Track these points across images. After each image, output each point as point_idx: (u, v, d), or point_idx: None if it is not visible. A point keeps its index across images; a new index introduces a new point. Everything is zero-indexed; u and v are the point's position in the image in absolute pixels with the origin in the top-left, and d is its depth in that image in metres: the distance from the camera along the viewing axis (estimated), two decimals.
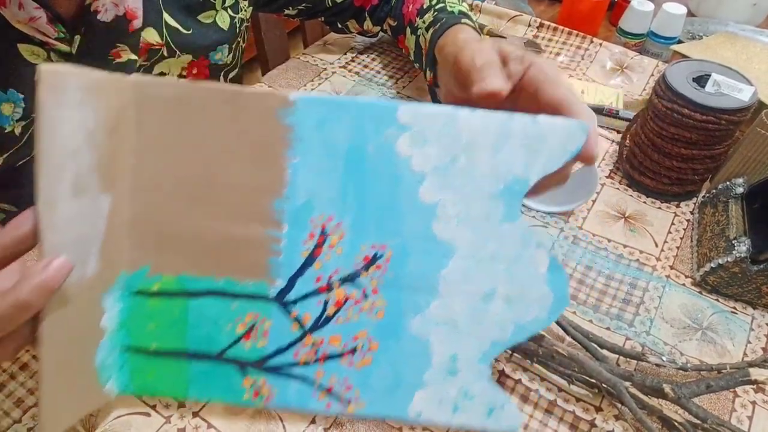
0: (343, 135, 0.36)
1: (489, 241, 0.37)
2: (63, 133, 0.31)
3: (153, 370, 0.38)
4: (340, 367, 0.38)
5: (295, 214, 0.37)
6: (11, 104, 0.50)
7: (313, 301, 0.37)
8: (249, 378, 0.38)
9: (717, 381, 0.43)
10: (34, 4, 0.47)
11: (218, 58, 0.67)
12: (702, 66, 0.62)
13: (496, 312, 0.37)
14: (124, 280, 0.36)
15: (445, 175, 0.36)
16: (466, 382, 0.37)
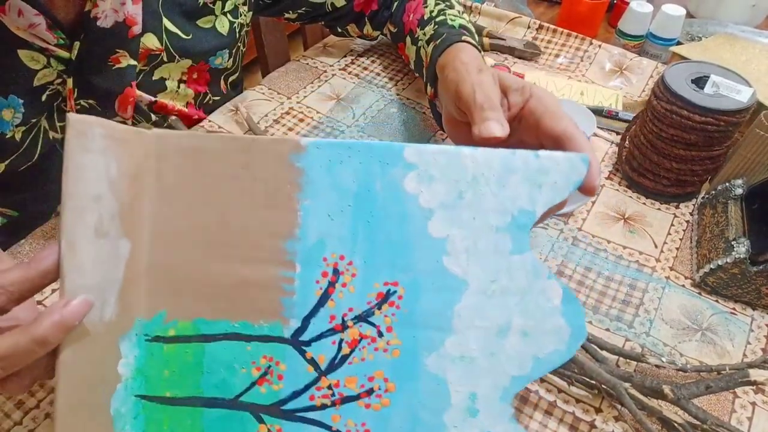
0: (351, 176, 0.37)
1: (500, 274, 0.37)
2: (87, 178, 0.32)
3: (168, 420, 0.38)
4: (358, 410, 0.37)
5: (307, 254, 0.37)
6: (11, 110, 0.50)
7: (328, 341, 0.37)
8: (264, 426, 0.37)
9: (716, 382, 0.43)
10: (34, 10, 0.47)
11: (218, 63, 0.67)
12: (701, 67, 0.62)
13: (512, 347, 0.37)
14: (141, 326, 0.37)
15: (452, 211, 0.37)
16: (487, 423, 0.37)
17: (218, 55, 0.66)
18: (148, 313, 0.37)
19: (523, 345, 0.37)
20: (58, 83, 0.53)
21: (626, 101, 0.79)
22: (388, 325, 0.37)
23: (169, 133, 0.37)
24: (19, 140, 0.52)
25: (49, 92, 0.53)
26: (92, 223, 0.33)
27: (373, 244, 0.37)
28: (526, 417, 0.45)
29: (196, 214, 0.37)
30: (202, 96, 0.69)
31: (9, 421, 0.43)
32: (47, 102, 0.53)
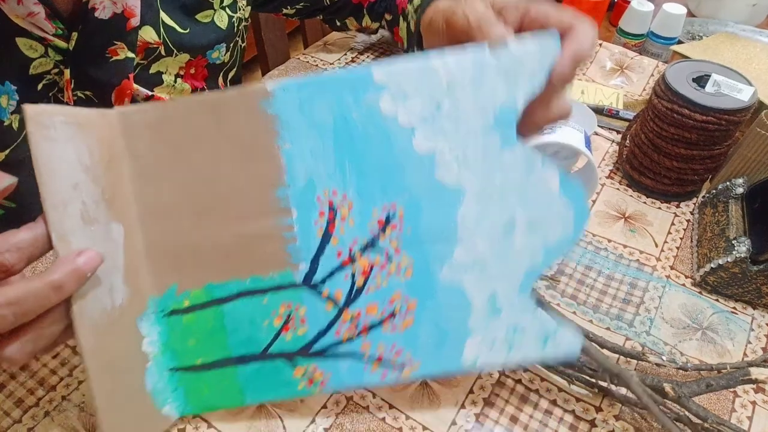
0: (326, 111, 0.36)
1: (494, 173, 0.36)
2: (60, 169, 0.32)
3: (205, 386, 0.38)
4: (385, 335, 0.37)
5: (300, 197, 0.37)
6: (7, 96, 0.50)
7: (340, 276, 0.37)
8: (299, 368, 0.38)
9: (717, 380, 0.43)
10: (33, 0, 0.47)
11: (216, 57, 0.67)
12: (702, 66, 0.62)
13: (521, 241, 0.37)
14: (155, 304, 0.37)
15: (434, 123, 0.36)
16: (512, 318, 0.37)
17: (216, 49, 0.66)
18: (158, 290, 0.37)
19: (530, 237, 0.37)
20: (55, 73, 0.53)
21: (627, 100, 0.79)
22: (395, 248, 0.37)
23: (131, 109, 0.36)
24: (16, 129, 0.52)
25: (46, 82, 0.52)
26: (77, 212, 0.32)
27: (362, 172, 0.37)
28: (526, 416, 0.45)
29: (179, 184, 0.36)
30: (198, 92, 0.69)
31: (8, 419, 0.43)
32: (43, 91, 0.53)
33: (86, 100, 0.56)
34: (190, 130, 0.36)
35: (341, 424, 0.43)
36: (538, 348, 0.37)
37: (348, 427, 0.43)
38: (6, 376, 0.45)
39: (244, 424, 0.43)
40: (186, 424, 0.43)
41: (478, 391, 0.47)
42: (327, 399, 0.45)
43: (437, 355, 0.37)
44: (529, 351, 0.37)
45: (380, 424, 0.44)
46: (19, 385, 0.45)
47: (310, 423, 0.43)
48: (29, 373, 0.45)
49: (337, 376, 0.38)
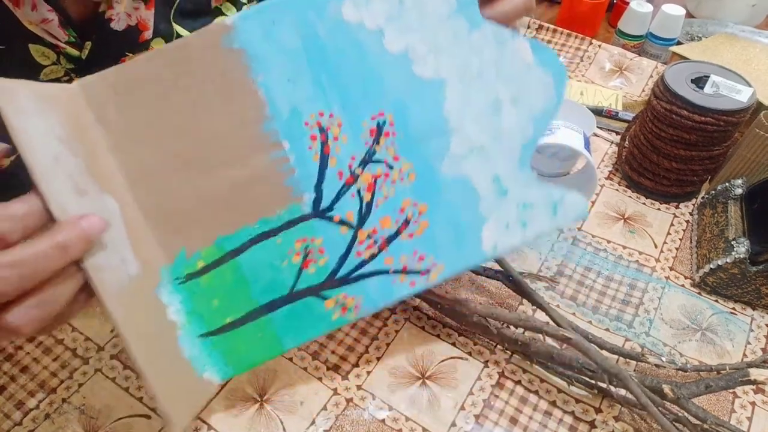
0: (291, 32, 0.35)
1: (469, 57, 0.36)
2: (38, 142, 0.31)
3: (241, 343, 0.37)
4: (404, 244, 0.38)
5: (287, 127, 0.36)
6: None
7: (347, 196, 0.37)
8: (330, 299, 0.38)
9: (717, 381, 0.43)
10: (47, 6, 0.47)
11: None
12: (701, 67, 0.62)
13: (510, 117, 0.37)
14: (168, 272, 0.36)
15: (400, 20, 0.36)
16: (519, 194, 0.37)
17: None
18: (168, 258, 0.36)
19: (517, 111, 0.37)
20: (65, 80, 0.53)
21: (626, 101, 0.79)
22: (393, 155, 0.37)
23: (91, 78, 0.35)
24: None
25: None
26: (67, 183, 0.31)
27: (343, 87, 0.36)
28: (526, 417, 0.45)
29: (159, 143, 0.35)
30: None
31: (9, 421, 0.43)
32: None
33: None
34: (157, 86, 0.35)
35: (341, 426, 0.43)
36: (549, 218, 0.37)
37: (348, 429, 0.43)
38: (7, 378, 0.45)
39: (244, 425, 0.43)
40: None
41: (478, 392, 0.47)
42: (327, 400, 0.45)
43: (458, 251, 0.38)
44: (542, 223, 0.38)
45: (380, 425, 0.44)
46: (19, 388, 0.45)
47: (310, 424, 0.44)
48: (29, 376, 0.45)
49: (368, 297, 0.38)
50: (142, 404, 0.44)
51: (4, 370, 0.45)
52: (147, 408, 0.44)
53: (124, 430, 0.43)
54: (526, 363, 0.49)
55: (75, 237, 0.30)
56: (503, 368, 0.48)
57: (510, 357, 0.49)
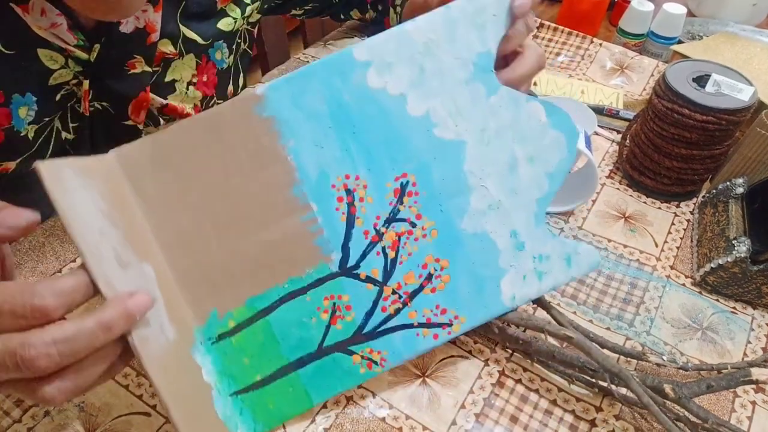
0: (318, 99, 0.37)
1: (487, 119, 0.39)
2: (84, 216, 0.31)
3: (270, 400, 0.38)
4: (427, 298, 0.39)
5: (316, 189, 0.38)
6: (26, 107, 0.50)
7: (372, 254, 0.39)
8: (356, 354, 0.39)
9: (718, 381, 0.43)
10: (56, 11, 0.47)
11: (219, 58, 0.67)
12: (702, 66, 0.62)
13: (526, 175, 0.39)
14: (201, 333, 0.37)
15: (421, 86, 0.38)
16: (536, 247, 0.39)
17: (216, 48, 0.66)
18: (200, 319, 0.37)
19: (533, 169, 0.39)
20: (73, 84, 0.53)
21: (627, 100, 0.79)
22: (416, 214, 0.39)
23: (126, 148, 0.36)
24: (31, 139, 0.52)
25: (64, 92, 0.53)
26: (111, 257, 0.32)
27: (368, 150, 0.38)
28: (526, 416, 0.45)
29: (194, 209, 0.37)
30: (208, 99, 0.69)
31: (8, 418, 0.43)
32: (61, 102, 0.53)
33: (103, 110, 0.56)
34: (191, 153, 0.36)
35: (341, 424, 0.43)
36: (564, 269, 0.39)
37: (348, 427, 0.43)
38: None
39: None
40: None
41: (478, 391, 0.47)
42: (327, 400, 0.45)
43: (479, 303, 0.39)
44: (558, 275, 0.39)
45: (380, 424, 0.44)
46: None
47: (310, 423, 0.43)
48: None
49: (393, 351, 0.39)
50: (142, 402, 0.44)
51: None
52: (147, 405, 0.44)
53: (123, 427, 0.43)
54: (526, 362, 0.49)
55: (119, 316, 0.30)
56: (504, 367, 0.48)
57: (510, 356, 0.49)
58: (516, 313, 0.46)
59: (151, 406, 0.44)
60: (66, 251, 0.54)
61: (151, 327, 0.32)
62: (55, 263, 0.53)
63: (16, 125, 0.50)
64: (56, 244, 0.55)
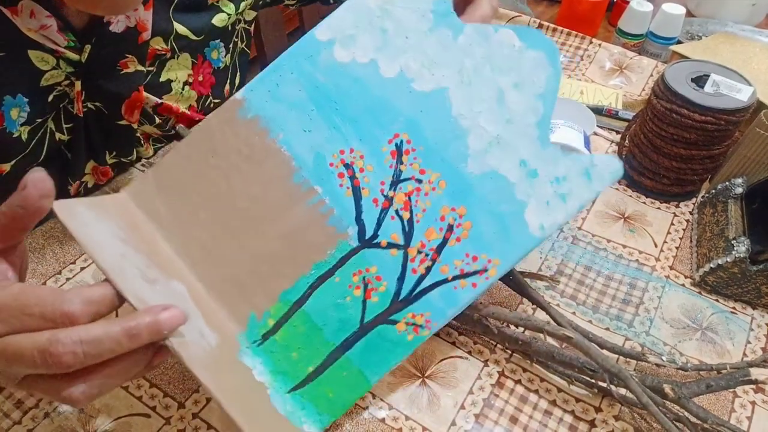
0: (295, 87, 0.38)
1: (461, 60, 0.39)
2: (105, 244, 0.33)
3: (328, 389, 0.38)
4: (454, 249, 0.39)
5: (315, 172, 0.39)
6: (18, 108, 0.50)
7: (387, 220, 0.39)
8: (399, 323, 0.38)
9: (717, 381, 0.43)
10: (46, 12, 0.47)
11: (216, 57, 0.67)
12: (701, 66, 0.62)
13: (516, 102, 0.39)
14: (244, 338, 0.38)
15: (388, 47, 0.39)
16: (550, 171, 0.38)
17: (213, 47, 0.66)
18: (240, 324, 0.38)
19: (521, 95, 0.39)
20: (65, 85, 0.53)
21: (626, 100, 0.79)
22: (419, 170, 0.39)
23: (134, 183, 0.38)
24: (25, 140, 0.52)
25: (56, 93, 0.53)
26: (136, 275, 0.33)
27: (354, 122, 0.39)
28: (526, 416, 0.45)
29: (207, 221, 0.38)
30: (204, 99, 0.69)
31: (8, 420, 0.43)
32: (53, 103, 0.53)
33: (96, 111, 0.56)
34: (191, 171, 0.38)
35: (340, 424, 0.43)
36: (586, 185, 0.38)
37: (347, 428, 0.43)
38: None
39: None
40: (186, 425, 0.43)
41: (478, 391, 0.47)
42: None
43: (508, 242, 0.39)
44: (582, 192, 0.38)
45: (380, 424, 0.44)
46: None
47: None
48: None
49: (435, 311, 0.38)
50: (142, 403, 0.44)
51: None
52: (146, 407, 0.44)
53: (123, 429, 0.43)
54: (526, 362, 0.49)
55: (146, 326, 0.31)
56: (503, 367, 0.48)
57: (510, 356, 0.49)
58: (515, 314, 0.46)
59: (150, 407, 0.44)
60: (66, 253, 0.54)
61: (190, 334, 0.33)
62: (54, 265, 0.53)
63: (8, 127, 0.50)
64: (56, 246, 0.55)
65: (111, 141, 0.60)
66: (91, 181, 0.61)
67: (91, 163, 0.60)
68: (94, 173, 0.61)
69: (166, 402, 0.45)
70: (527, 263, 0.57)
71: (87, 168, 0.60)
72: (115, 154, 0.61)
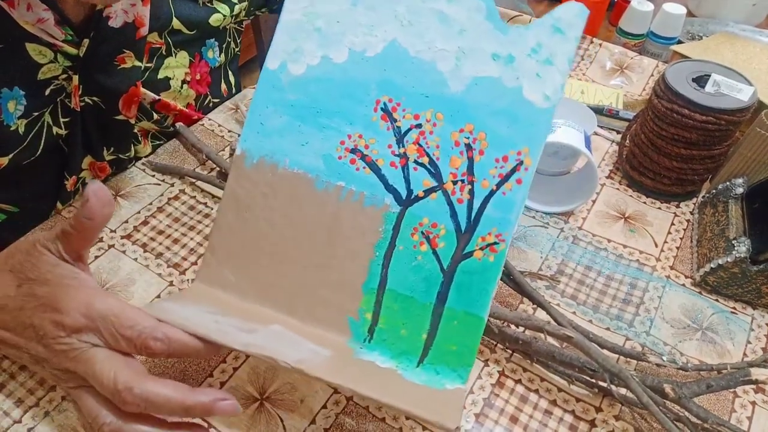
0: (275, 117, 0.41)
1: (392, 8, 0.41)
2: (194, 320, 0.37)
3: (450, 344, 0.40)
4: (482, 163, 0.40)
5: (330, 171, 0.41)
6: (15, 101, 0.50)
7: (412, 173, 0.41)
8: (475, 251, 0.40)
9: (718, 381, 0.43)
10: (43, 5, 0.47)
11: (211, 56, 0.67)
12: (702, 66, 0.62)
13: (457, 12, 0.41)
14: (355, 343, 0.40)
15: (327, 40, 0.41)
16: (522, 48, 0.40)
17: (208, 46, 0.66)
18: (345, 333, 0.40)
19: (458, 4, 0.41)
20: (63, 78, 0.53)
21: (627, 100, 0.79)
22: (413, 116, 0.41)
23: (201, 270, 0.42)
24: (22, 133, 0.52)
25: (53, 87, 0.53)
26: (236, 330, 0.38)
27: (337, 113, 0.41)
28: (526, 416, 0.45)
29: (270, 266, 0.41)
30: (203, 98, 0.69)
31: (8, 419, 0.43)
32: (50, 96, 0.53)
33: (93, 105, 0.56)
34: (237, 233, 0.42)
35: (341, 424, 0.43)
36: (560, 39, 0.39)
37: (348, 428, 0.43)
38: (6, 376, 0.45)
39: (244, 423, 0.43)
40: None
41: (478, 391, 0.47)
42: (327, 399, 0.45)
43: (525, 126, 0.40)
44: (560, 47, 0.39)
45: (380, 424, 0.44)
46: (18, 385, 0.45)
47: (309, 423, 0.43)
48: (29, 374, 0.45)
49: (499, 222, 0.39)
50: None
51: (3, 368, 0.45)
52: None
53: None
54: (526, 362, 0.49)
55: (201, 407, 0.35)
56: (503, 367, 0.48)
57: (510, 356, 0.49)
58: (516, 313, 0.46)
59: None
60: None
61: (300, 353, 0.37)
62: None
63: (6, 119, 0.50)
64: None
65: (108, 136, 0.60)
66: (89, 177, 0.61)
67: (89, 159, 0.60)
68: (91, 169, 0.61)
69: None
70: (527, 263, 0.57)
71: (84, 164, 0.60)
72: (112, 150, 0.61)
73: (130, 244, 0.55)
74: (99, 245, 0.55)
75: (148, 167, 0.63)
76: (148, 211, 0.58)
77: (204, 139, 0.66)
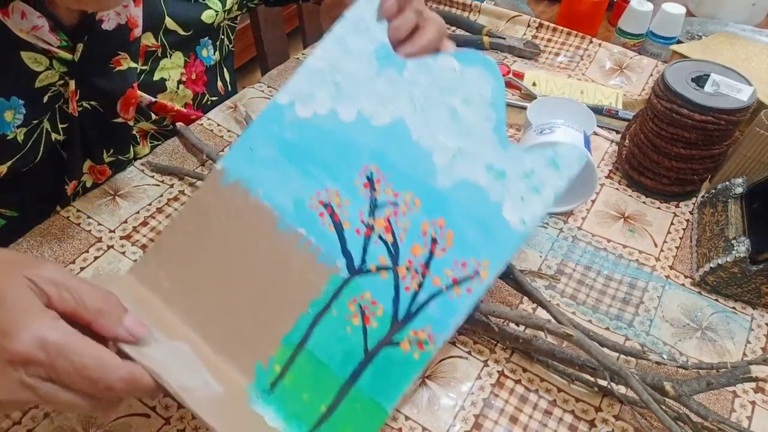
0: (266, 148, 0.42)
1: (410, 91, 0.42)
2: None
3: (345, 425, 0.39)
4: (442, 260, 0.40)
5: (297, 217, 0.41)
6: (12, 111, 0.50)
7: (372, 246, 0.40)
8: (402, 342, 0.39)
9: (718, 378, 0.43)
10: (37, 13, 0.47)
11: (206, 55, 0.67)
12: (701, 66, 0.62)
13: (468, 115, 0.41)
14: (255, 389, 0.39)
15: (343, 97, 0.42)
16: (516, 168, 0.40)
17: (202, 44, 0.66)
18: (248, 376, 0.39)
19: (472, 108, 0.41)
20: (60, 85, 0.53)
21: (626, 100, 0.79)
22: (393, 194, 0.41)
23: (138, 264, 0.42)
24: (21, 142, 0.52)
25: (51, 94, 0.53)
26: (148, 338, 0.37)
27: (325, 165, 0.41)
28: (526, 416, 0.45)
29: (206, 285, 0.41)
30: (200, 97, 0.69)
31: (8, 420, 0.43)
32: (49, 103, 0.53)
33: (91, 109, 0.56)
34: (188, 242, 0.41)
35: None
36: (555, 173, 0.40)
37: None
38: None
39: None
40: (185, 425, 0.43)
41: (478, 391, 0.47)
42: None
43: (493, 242, 0.40)
44: (552, 181, 0.40)
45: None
46: None
47: None
48: None
49: (436, 323, 0.39)
50: (141, 403, 0.44)
51: None
52: (146, 407, 0.44)
53: (123, 429, 0.43)
54: (526, 362, 0.49)
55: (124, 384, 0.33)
56: (503, 367, 0.48)
57: (510, 356, 0.49)
58: (516, 312, 0.46)
59: (150, 407, 0.44)
60: (65, 252, 0.54)
61: (193, 380, 0.36)
62: None
63: (2, 129, 0.50)
64: (54, 245, 0.55)
65: (107, 139, 0.60)
66: (89, 181, 0.61)
67: (88, 162, 0.60)
68: (91, 172, 0.61)
69: (165, 402, 0.45)
70: (527, 263, 0.57)
71: (84, 167, 0.60)
72: (112, 152, 0.61)
73: (129, 245, 0.55)
74: (98, 246, 0.55)
75: (147, 168, 0.63)
76: (147, 211, 0.58)
77: (203, 138, 0.66)
